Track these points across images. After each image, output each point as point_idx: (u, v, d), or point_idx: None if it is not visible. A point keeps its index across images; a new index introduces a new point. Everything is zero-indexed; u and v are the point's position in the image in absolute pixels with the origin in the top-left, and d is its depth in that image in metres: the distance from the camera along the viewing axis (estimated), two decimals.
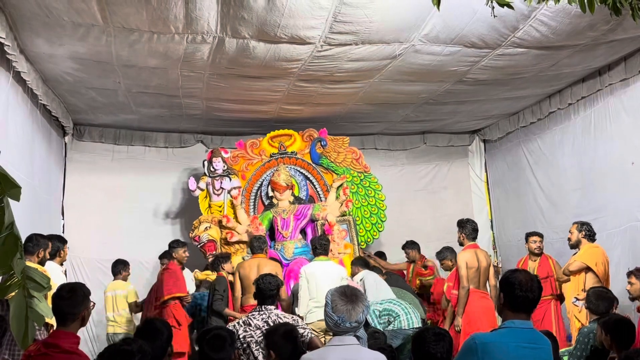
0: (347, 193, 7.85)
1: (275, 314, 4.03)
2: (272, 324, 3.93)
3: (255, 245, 6.37)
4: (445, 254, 7.20)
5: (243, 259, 7.29)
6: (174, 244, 6.81)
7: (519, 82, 7.03)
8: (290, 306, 6.07)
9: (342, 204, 7.77)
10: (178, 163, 9.09)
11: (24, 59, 5.59)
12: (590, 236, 5.96)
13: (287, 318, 4.05)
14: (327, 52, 5.77)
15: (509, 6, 3.15)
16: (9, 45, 5.03)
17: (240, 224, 7.58)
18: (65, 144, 8.49)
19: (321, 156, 8.15)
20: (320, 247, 6.25)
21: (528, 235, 6.71)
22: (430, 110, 8.28)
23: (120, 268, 7.22)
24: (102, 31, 5.15)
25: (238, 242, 7.48)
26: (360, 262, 6.88)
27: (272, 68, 6.15)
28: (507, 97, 7.82)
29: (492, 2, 3.14)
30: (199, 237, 7.43)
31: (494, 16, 3.41)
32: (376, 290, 6.31)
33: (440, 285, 7.05)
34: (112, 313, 7.09)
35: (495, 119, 9.21)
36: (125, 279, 7.25)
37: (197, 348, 3.69)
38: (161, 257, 7.49)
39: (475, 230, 6.04)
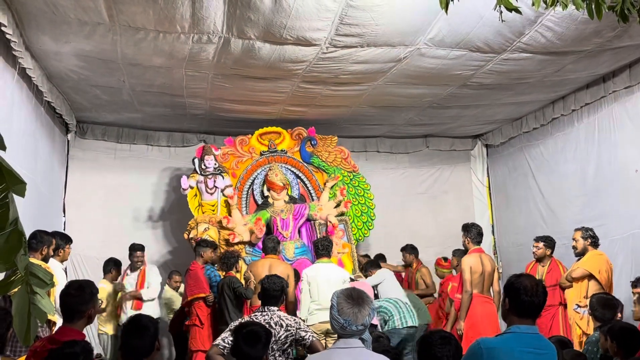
0: (344, 194, 7.83)
1: (278, 315, 4.02)
2: (274, 326, 3.93)
3: (269, 246, 6.33)
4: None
5: (244, 259, 7.26)
6: (203, 244, 6.61)
7: (523, 87, 7.03)
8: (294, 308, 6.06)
9: (339, 204, 7.75)
10: (181, 162, 9.08)
11: (29, 56, 5.59)
12: (595, 242, 5.95)
13: (290, 320, 4.04)
14: (332, 54, 5.77)
15: (517, 11, 3.12)
16: (15, 42, 5.02)
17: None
18: (68, 141, 8.48)
19: (312, 155, 8.13)
20: (322, 248, 6.23)
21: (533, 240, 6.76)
22: (433, 114, 8.27)
23: (110, 267, 7.17)
24: (108, 29, 5.15)
25: (238, 243, 7.41)
26: (372, 264, 6.99)
27: (277, 69, 6.15)
28: (511, 102, 7.81)
29: (500, 6, 3.13)
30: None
31: (502, 21, 3.40)
32: (388, 291, 6.38)
33: (447, 281, 7.54)
34: None
35: (498, 124, 9.20)
36: (115, 279, 7.19)
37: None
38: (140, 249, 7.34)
39: (480, 234, 6.05)
